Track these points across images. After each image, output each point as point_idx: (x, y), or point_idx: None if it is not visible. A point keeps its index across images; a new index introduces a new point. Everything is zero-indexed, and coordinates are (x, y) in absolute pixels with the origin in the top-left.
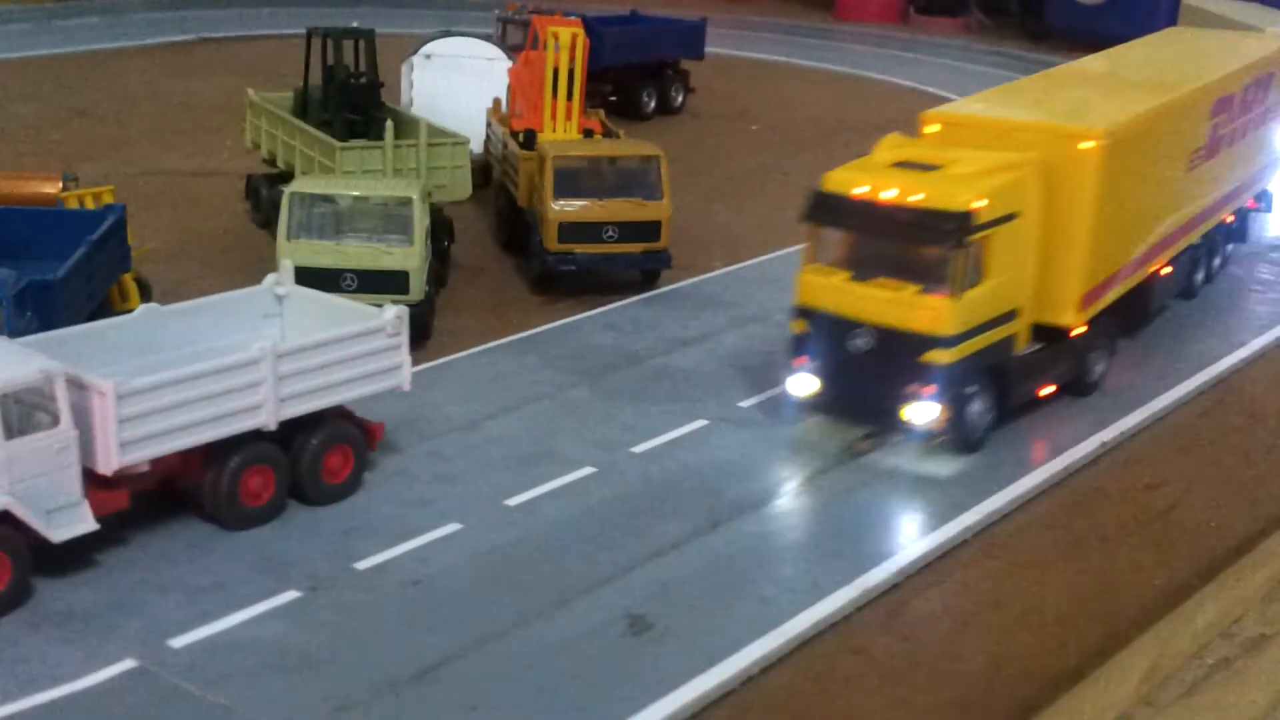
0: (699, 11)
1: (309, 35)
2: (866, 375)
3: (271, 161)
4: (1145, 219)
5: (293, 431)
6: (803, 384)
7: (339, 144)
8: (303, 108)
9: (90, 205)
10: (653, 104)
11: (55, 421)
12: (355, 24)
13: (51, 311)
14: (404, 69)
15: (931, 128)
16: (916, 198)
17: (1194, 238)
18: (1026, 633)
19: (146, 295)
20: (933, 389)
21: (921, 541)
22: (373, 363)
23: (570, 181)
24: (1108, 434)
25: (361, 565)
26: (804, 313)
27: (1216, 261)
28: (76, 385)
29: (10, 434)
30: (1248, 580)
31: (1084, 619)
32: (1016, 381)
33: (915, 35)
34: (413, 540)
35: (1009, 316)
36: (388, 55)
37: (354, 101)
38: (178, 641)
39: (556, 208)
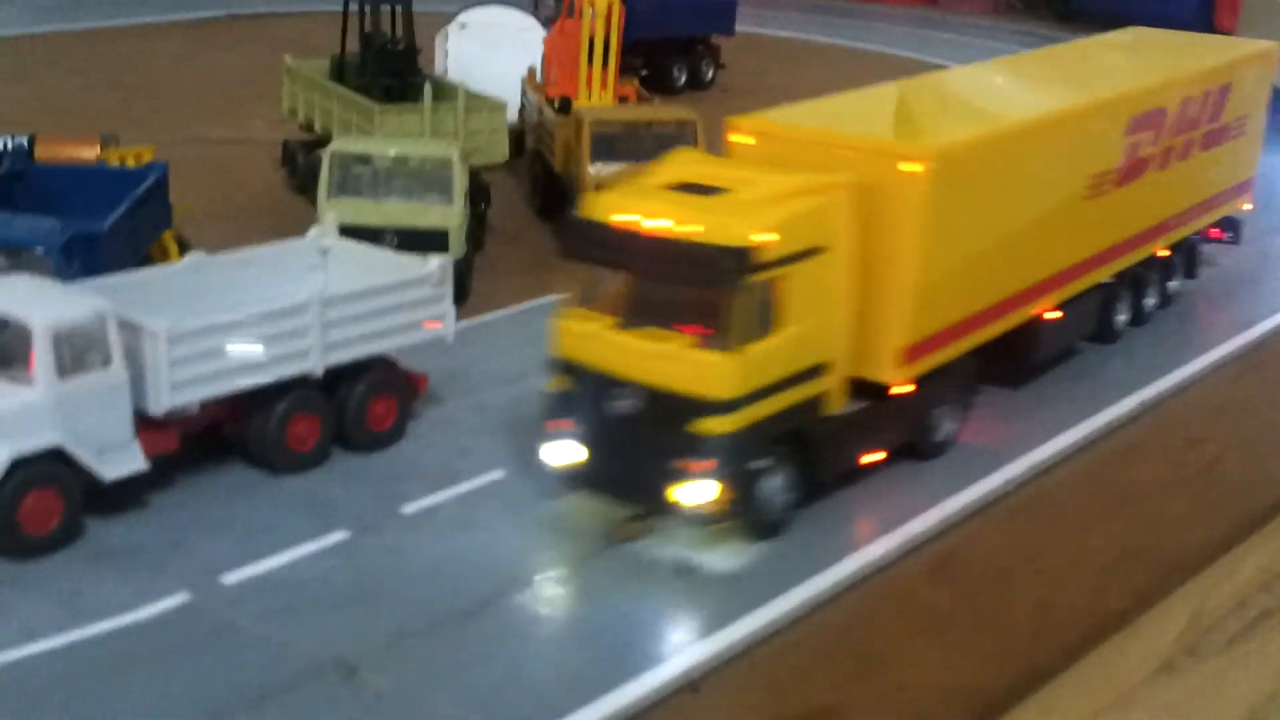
0: None
1: (346, 2)
2: (632, 445)
3: (308, 127)
4: (1010, 256)
5: (338, 379)
6: (561, 452)
7: (378, 106)
8: (339, 74)
9: (131, 164)
10: (683, 78)
11: (107, 362)
12: None
13: (97, 262)
14: (438, 39)
15: (741, 138)
16: (689, 229)
17: (1103, 275)
18: (1070, 581)
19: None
20: (708, 464)
21: (969, 490)
22: (417, 312)
23: (607, 145)
24: (1146, 393)
25: (408, 509)
26: (564, 366)
27: (1150, 300)
28: (128, 327)
29: (63, 373)
30: None
31: (1127, 568)
32: (827, 450)
33: (944, 15)
34: (457, 486)
35: (814, 372)
36: (421, 28)
37: (391, 67)
38: (230, 578)
39: (593, 171)
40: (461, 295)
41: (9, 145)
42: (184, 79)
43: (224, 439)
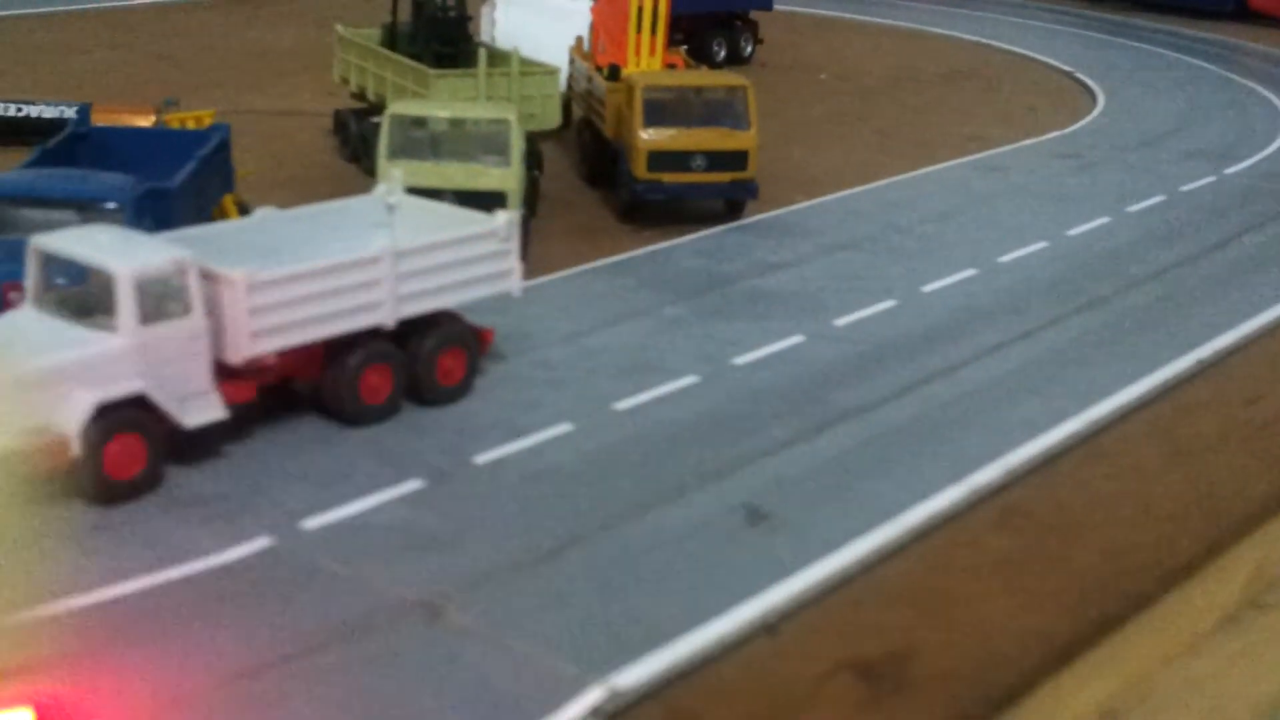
0: None
1: None
2: None
3: (360, 95)
4: None
5: (409, 332)
6: None
7: (433, 71)
8: (391, 42)
9: (192, 127)
10: (722, 53)
11: (187, 310)
12: None
13: (168, 218)
14: (484, 10)
15: None
16: None
17: None
18: (1136, 532)
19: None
20: None
21: (1031, 444)
22: (486, 266)
23: (659, 111)
24: (1203, 351)
25: (479, 459)
26: None
27: None
28: (207, 276)
29: (146, 321)
30: None
31: (1192, 520)
32: None
33: None
34: (526, 438)
35: None
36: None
37: (443, 34)
38: (310, 523)
39: (646, 136)
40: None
41: (64, 114)
42: (229, 52)
43: (293, 392)
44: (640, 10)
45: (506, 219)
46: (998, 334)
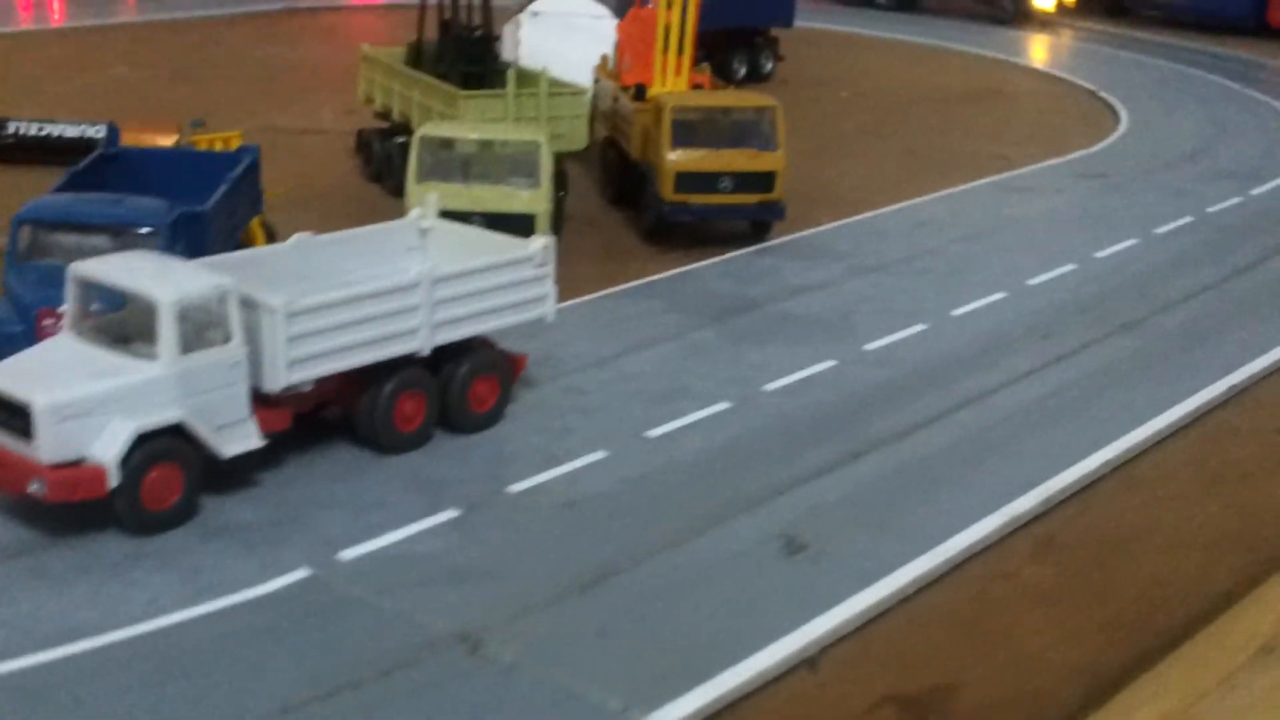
0: None
1: None
2: None
3: (385, 115)
4: None
5: (443, 358)
6: None
7: (461, 92)
8: (416, 62)
9: (220, 149)
10: (743, 70)
11: (228, 338)
12: None
13: (201, 241)
14: (507, 28)
15: None
16: None
17: None
18: (1173, 562)
19: (276, 239)
20: None
21: (1068, 472)
22: (520, 292)
23: (686, 131)
24: (1236, 377)
25: (514, 488)
26: None
27: None
28: (246, 303)
29: (186, 349)
30: None
31: (1229, 549)
32: None
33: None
34: (561, 466)
35: None
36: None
37: (470, 54)
38: (347, 554)
39: (673, 158)
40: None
41: (86, 134)
42: (249, 70)
43: (325, 419)
44: (667, 29)
45: (541, 244)
46: (1029, 359)
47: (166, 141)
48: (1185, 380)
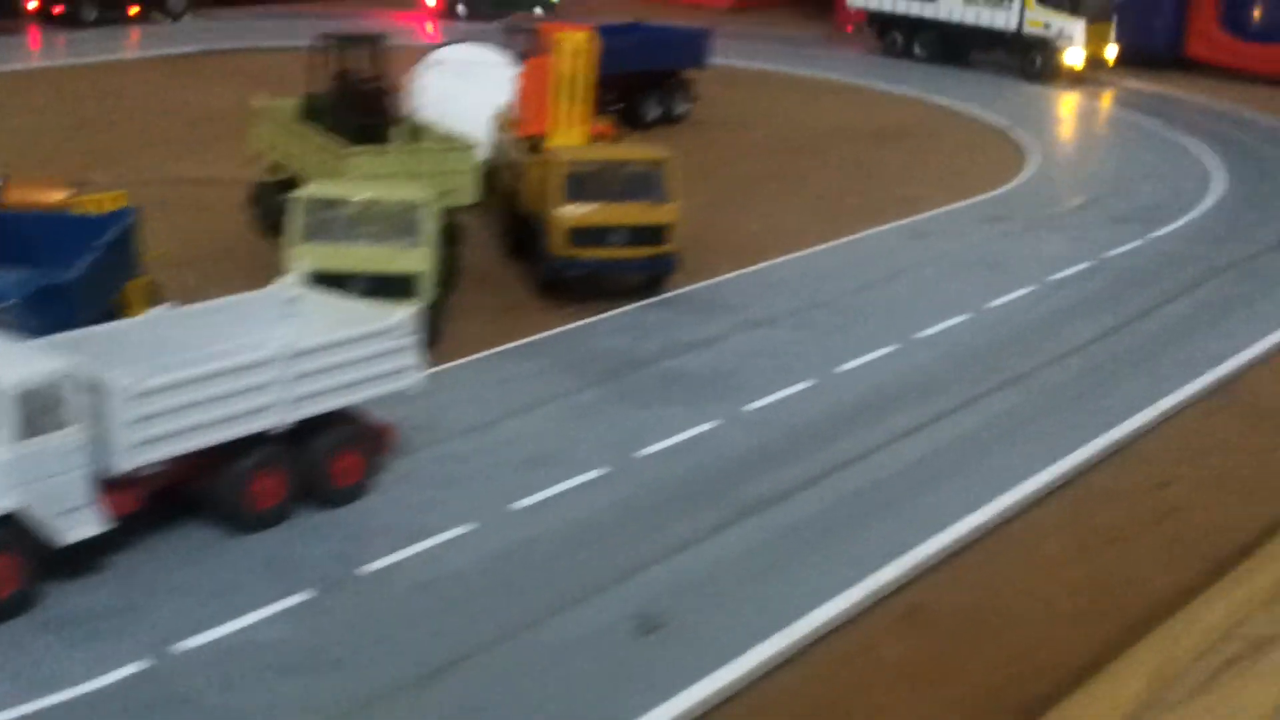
0: (704, 21)
1: (319, 42)
2: None
3: (278, 169)
4: None
5: (304, 432)
6: None
7: (348, 149)
8: (310, 114)
9: (100, 210)
10: (656, 113)
11: (67, 422)
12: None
13: (65, 313)
14: (411, 77)
15: None
16: None
17: None
18: (1037, 632)
19: (157, 301)
20: None
21: (937, 538)
22: (383, 364)
23: (578, 185)
24: (1116, 433)
25: (371, 567)
26: None
27: None
28: (91, 385)
29: (24, 434)
30: (1254, 580)
31: (1094, 617)
32: None
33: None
34: (422, 542)
35: None
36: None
37: (364, 107)
38: (188, 644)
39: (564, 212)
40: (433, 339)
41: None
42: (156, 117)
43: (185, 496)
44: (565, 79)
45: (404, 315)
46: (912, 416)
47: (58, 196)
48: (1066, 437)
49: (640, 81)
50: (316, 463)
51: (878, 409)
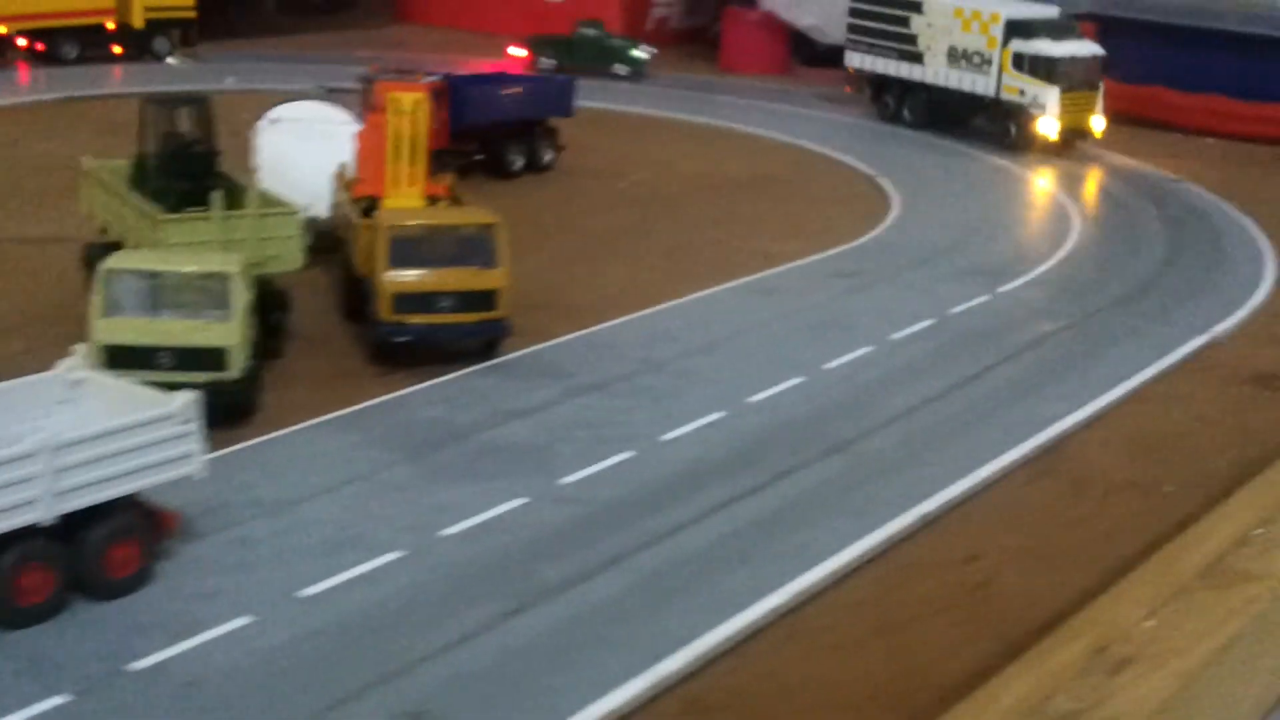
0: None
1: (145, 104)
2: None
3: (105, 231)
4: None
5: (75, 523)
6: None
7: (164, 216)
8: (138, 176)
9: None
10: (521, 162)
11: None
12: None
13: None
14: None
15: None
16: None
17: None
18: None
19: None
20: None
21: (729, 623)
22: (161, 451)
23: (405, 250)
24: (928, 505)
25: (138, 665)
26: None
27: None
28: None
29: None
30: (1057, 656)
31: (883, 704)
32: None
33: (798, 88)
34: (196, 636)
35: None
36: (243, 122)
37: (190, 170)
38: None
39: (390, 277)
40: (245, 413)
41: None
42: (11, 167)
43: None
44: (400, 138)
45: (185, 400)
46: (728, 489)
47: None
48: (877, 511)
49: (504, 131)
50: (89, 554)
51: (694, 481)
